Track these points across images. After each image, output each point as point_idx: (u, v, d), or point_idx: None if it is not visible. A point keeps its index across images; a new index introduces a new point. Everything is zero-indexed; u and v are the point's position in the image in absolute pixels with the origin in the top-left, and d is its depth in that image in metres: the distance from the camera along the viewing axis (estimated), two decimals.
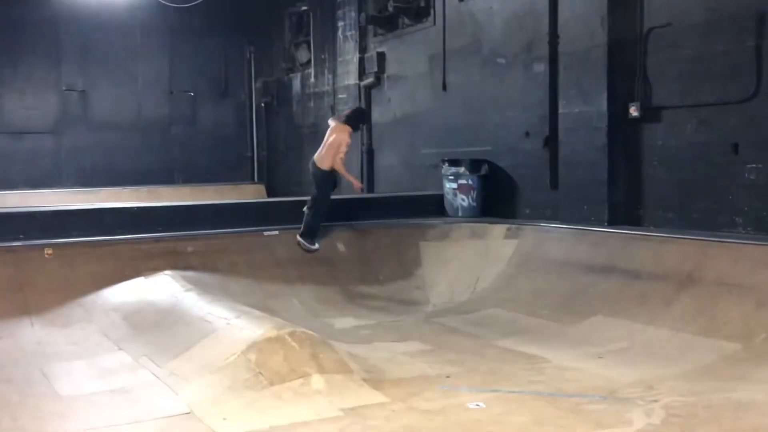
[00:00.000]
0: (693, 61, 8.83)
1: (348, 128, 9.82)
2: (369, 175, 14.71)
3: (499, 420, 5.06)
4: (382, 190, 14.24)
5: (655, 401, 5.38)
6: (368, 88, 14.70)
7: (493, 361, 6.72)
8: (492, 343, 7.45)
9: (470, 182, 11.52)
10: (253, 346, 5.78)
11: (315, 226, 9.79)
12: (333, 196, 10.31)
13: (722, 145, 8.53)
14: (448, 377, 6.15)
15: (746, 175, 8.31)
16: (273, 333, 5.89)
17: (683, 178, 8.99)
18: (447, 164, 11.74)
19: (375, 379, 5.85)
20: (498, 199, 11.46)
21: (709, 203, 8.70)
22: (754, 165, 8.23)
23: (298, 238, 9.71)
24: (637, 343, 7.09)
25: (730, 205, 8.47)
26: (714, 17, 8.61)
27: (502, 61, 11.59)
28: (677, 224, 9.02)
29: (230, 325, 6.38)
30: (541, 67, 10.71)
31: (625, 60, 9.50)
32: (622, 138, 9.58)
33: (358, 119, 10.24)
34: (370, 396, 5.50)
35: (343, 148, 9.65)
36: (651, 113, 9.32)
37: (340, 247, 10.16)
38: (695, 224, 8.80)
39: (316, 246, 9.78)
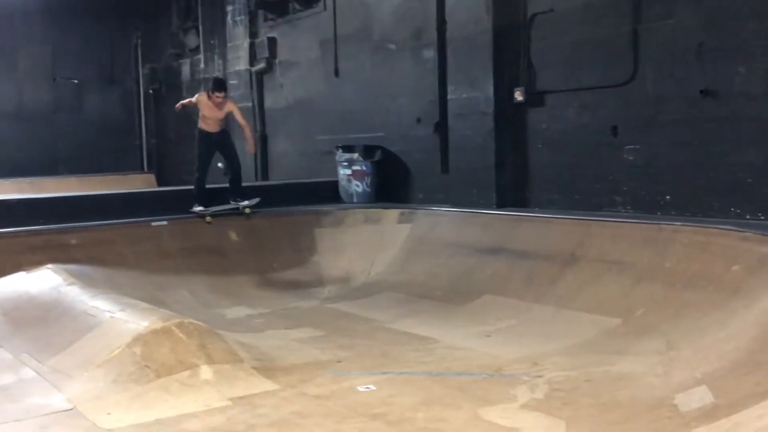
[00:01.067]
0: (574, 45, 9.10)
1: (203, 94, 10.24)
2: (263, 162, 14.57)
3: (388, 402, 5.11)
4: (277, 177, 14.14)
5: (540, 377, 5.55)
6: (260, 74, 14.54)
7: (384, 344, 6.78)
8: (385, 327, 7.52)
9: (364, 168, 11.56)
10: (139, 338, 5.63)
11: (195, 188, 10.18)
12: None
13: (602, 128, 8.84)
14: (339, 362, 6.17)
15: (625, 156, 8.64)
16: (159, 325, 5.75)
17: (566, 160, 9.28)
18: (341, 150, 11.75)
19: (265, 367, 5.80)
20: (391, 184, 11.55)
21: (591, 184, 9.01)
22: (632, 146, 8.57)
23: None
24: (524, 321, 7.29)
25: (611, 186, 8.80)
26: (594, 3, 8.88)
27: (392, 47, 11.65)
28: (562, 205, 9.31)
29: (115, 318, 6.20)
30: (431, 53, 10.83)
31: (510, 45, 9.72)
32: (509, 122, 9.81)
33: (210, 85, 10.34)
34: (260, 384, 5.46)
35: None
36: (535, 98, 9.57)
37: (233, 235, 10.03)
38: (578, 205, 9.10)
39: (197, 209, 9.98)
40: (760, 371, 4.56)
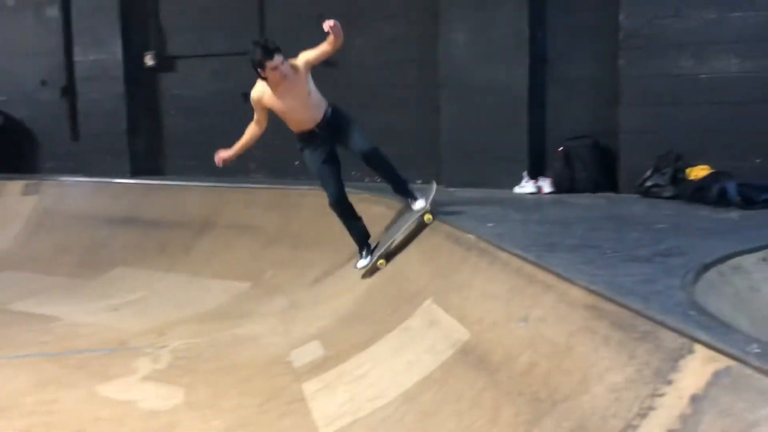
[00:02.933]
0: (204, 11, 9.03)
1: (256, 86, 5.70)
2: None
3: None
4: None
5: (164, 347, 5.47)
6: None
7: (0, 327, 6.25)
8: (2, 308, 6.92)
9: None
10: None
11: (345, 226, 5.98)
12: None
13: (234, 94, 8.88)
14: None
15: None
16: None
17: (201, 126, 9.23)
18: None
19: None
20: (16, 152, 10.63)
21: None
22: None
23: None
24: (156, 292, 7.16)
25: (244, 153, 8.87)
26: None
27: (11, 3, 10.64)
28: (197, 172, 9.25)
29: None
30: (54, 12, 10.08)
31: (140, 8, 9.40)
32: (141, 87, 9.51)
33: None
34: None
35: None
36: (167, 62, 9.38)
37: None
38: (214, 171, 9.02)
39: (361, 263, 5.84)
40: (364, 323, 4.92)
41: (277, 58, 5.25)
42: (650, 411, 2.52)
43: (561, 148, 6.93)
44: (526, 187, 6.81)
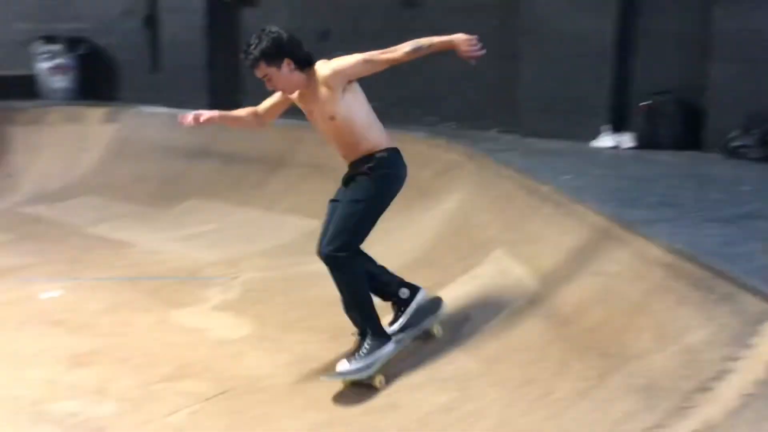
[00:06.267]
0: None
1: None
2: None
3: (72, 308, 4.89)
4: None
5: (235, 278, 5.58)
6: None
7: (77, 250, 6.44)
8: (80, 232, 7.14)
9: (67, 62, 10.71)
10: None
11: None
12: None
13: (313, 33, 8.82)
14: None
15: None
16: None
17: None
18: (41, 42, 10.76)
19: None
20: (98, 80, 10.83)
21: None
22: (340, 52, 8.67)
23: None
24: (229, 225, 7.26)
25: None
26: None
27: None
28: None
29: None
30: None
31: None
32: (221, 21, 9.51)
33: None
34: None
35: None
36: None
37: None
38: (291, 111, 9.07)
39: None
40: (431, 268, 4.90)
41: (262, 69, 3.69)
42: (726, 374, 2.46)
43: (644, 103, 6.70)
44: (606, 141, 6.62)
